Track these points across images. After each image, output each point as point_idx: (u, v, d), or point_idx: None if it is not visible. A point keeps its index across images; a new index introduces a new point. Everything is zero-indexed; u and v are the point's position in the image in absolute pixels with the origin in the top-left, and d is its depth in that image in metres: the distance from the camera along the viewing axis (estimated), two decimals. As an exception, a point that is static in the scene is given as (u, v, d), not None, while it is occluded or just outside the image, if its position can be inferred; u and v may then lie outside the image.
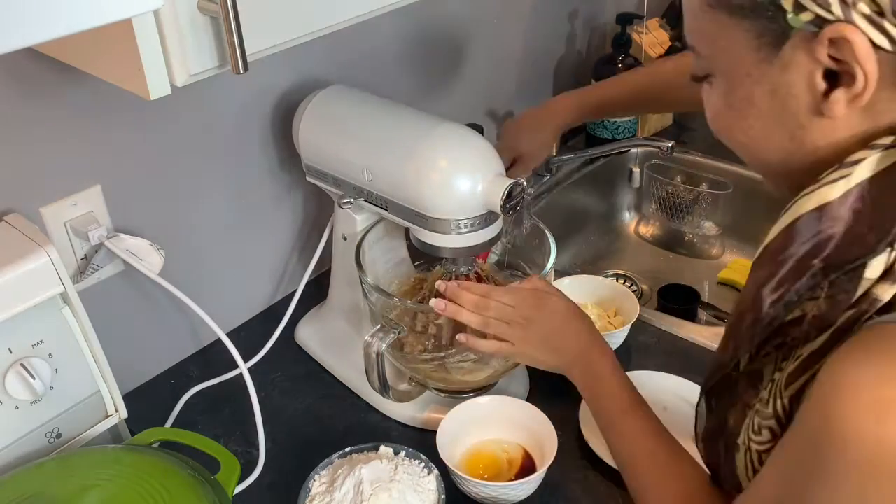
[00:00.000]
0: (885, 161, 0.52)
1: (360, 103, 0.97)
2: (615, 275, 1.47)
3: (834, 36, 0.49)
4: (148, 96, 0.59)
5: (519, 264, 1.07)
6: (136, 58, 0.57)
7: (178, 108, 0.95)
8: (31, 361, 0.77)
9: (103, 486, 0.72)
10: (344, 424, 1.00)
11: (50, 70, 0.81)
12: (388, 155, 0.89)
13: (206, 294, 0.96)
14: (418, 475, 0.85)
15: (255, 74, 1.00)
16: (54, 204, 0.87)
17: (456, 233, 0.87)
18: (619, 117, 1.50)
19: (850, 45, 0.49)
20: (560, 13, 1.55)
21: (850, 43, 0.49)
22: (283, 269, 1.20)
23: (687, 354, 1.08)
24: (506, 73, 1.48)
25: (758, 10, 0.52)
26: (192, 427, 0.95)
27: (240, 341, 0.93)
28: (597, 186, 1.57)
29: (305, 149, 0.98)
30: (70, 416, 0.82)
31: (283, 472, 0.93)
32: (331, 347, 1.08)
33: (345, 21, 0.69)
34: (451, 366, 0.92)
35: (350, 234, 1.00)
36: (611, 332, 1.06)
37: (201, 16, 0.58)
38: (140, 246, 0.92)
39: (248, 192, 1.09)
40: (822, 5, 0.49)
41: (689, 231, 1.55)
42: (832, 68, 0.51)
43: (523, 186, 0.86)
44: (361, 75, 1.16)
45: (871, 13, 0.48)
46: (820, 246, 0.52)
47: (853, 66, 0.50)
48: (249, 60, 0.59)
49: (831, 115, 0.53)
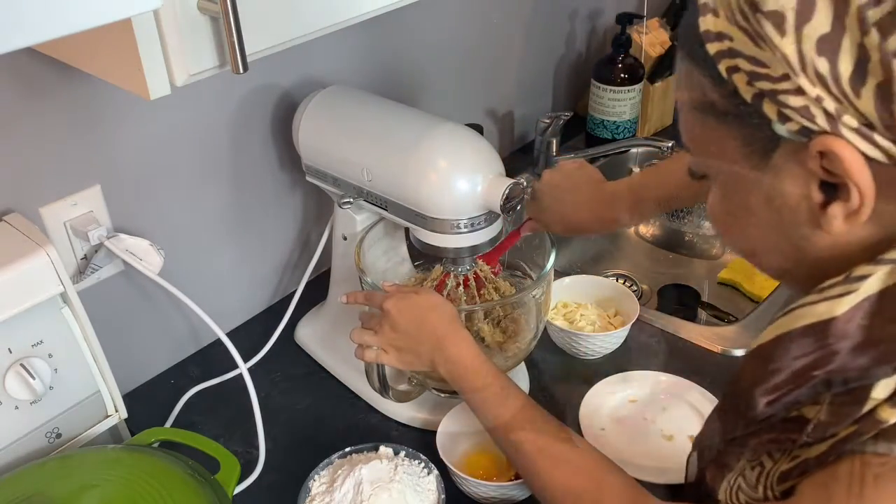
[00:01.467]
0: (893, 277, 0.49)
1: (359, 103, 0.97)
2: (615, 275, 1.47)
3: (822, 149, 0.47)
4: (148, 96, 0.59)
5: (519, 264, 1.07)
6: (135, 58, 0.57)
7: (177, 108, 0.95)
8: (30, 361, 0.77)
9: (103, 486, 0.72)
10: (344, 424, 1.00)
11: (50, 70, 0.81)
12: (387, 155, 0.89)
13: (206, 294, 0.96)
14: (418, 475, 0.85)
15: (254, 74, 1.01)
16: (54, 204, 0.87)
17: (456, 233, 0.87)
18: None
19: (840, 159, 0.46)
20: (560, 13, 1.55)
21: (839, 157, 0.46)
22: (283, 269, 1.20)
23: (687, 354, 1.08)
24: (506, 73, 1.48)
25: (743, 118, 0.50)
26: (192, 427, 0.95)
27: (240, 341, 0.92)
28: (597, 186, 1.56)
29: (305, 149, 0.98)
30: (70, 416, 0.82)
31: (283, 472, 0.93)
32: (330, 347, 1.08)
33: (344, 21, 0.69)
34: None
35: (350, 234, 1.00)
36: (611, 332, 1.06)
37: (201, 16, 0.58)
38: (140, 246, 0.92)
39: (248, 192, 1.09)
40: (807, 117, 0.46)
41: (689, 231, 1.55)
42: (828, 180, 0.48)
43: (523, 186, 0.86)
44: (361, 75, 1.16)
45: (858, 126, 0.45)
46: (822, 360, 0.50)
47: (846, 180, 0.47)
48: (249, 60, 0.59)
49: (829, 231, 0.50)
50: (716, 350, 1.08)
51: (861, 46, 0.43)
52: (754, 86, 0.48)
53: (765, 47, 0.46)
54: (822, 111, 0.46)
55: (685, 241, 1.55)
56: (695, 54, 0.51)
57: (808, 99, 0.46)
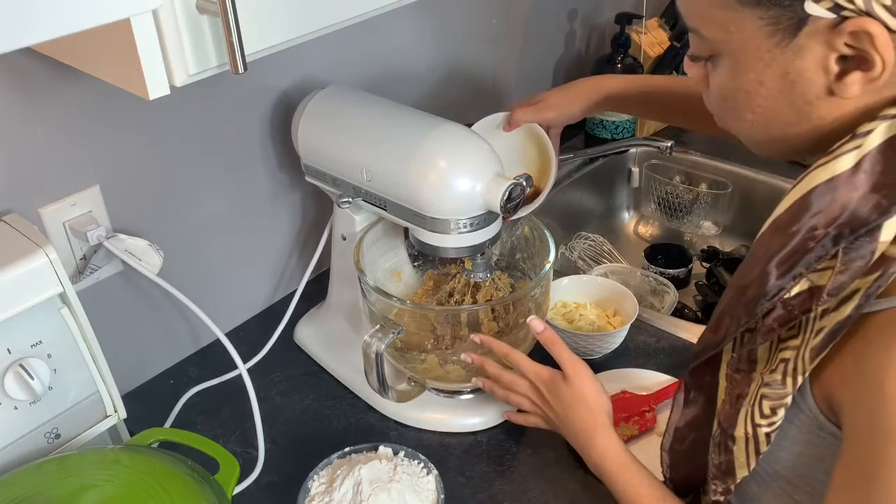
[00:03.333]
0: (893, 129, 0.54)
1: (358, 103, 0.96)
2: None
3: (855, 29, 0.51)
4: (147, 96, 0.59)
5: (519, 264, 1.07)
6: (134, 58, 0.57)
7: (177, 109, 0.95)
8: (29, 362, 0.76)
9: (102, 486, 0.72)
10: (343, 424, 1.00)
11: (50, 70, 0.81)
12: (387, 155, 0.89)
13: (206, 294, 0.96)
14: (417, 475, 0.85)
15: (254, 74, 1.00)
16: (53, 204, 0.87)
17: (455, 233, 0.87)
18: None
19: (871, 37, 0.51)
20: (559, 13, 1.55)
21: (870, 35, 0.51)
22: (283, 269, 1.19)
23: (686, 354, 1.08)
24: (505, 72, 1.48)
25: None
26: (192, 427, 0.95)
27: (239, 341, 0.93)
28: (596, 186, 1.57)
29: (304, 149, 0.98)
30: (69, 417, 0.82)
31: (283, 473, 0.93)
32: (330, 347, 1.08)
33: (344, 21, 0.69)
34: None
35: (349, 234, 1.00)
36: (610, 332, 1.06)
37: (200, 16, 0.58)
38: (139, 246, 0.92)
39: (247, 192, 1.09)
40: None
41: (689, 231, 1.55)
42: (848, 54, 0.53)
43: (523, 187, 0.86)
44: (361, 75, 1.16)
45: (891, 3, 0.50)
46: (833, 215, 0.54)
47: (872, 54, 0.52)
48: (248, 60, 0.59)
49: (844, 96, 0.55)
50: (715, 350, 1.08)
51: None
52: None
53: None
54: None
55: (684, 240, 1.55)
56: None
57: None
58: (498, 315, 0.97)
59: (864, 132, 0.54)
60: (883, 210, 0.52)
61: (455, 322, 0.94)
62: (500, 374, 0.91)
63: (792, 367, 0.58)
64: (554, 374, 0.86)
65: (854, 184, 0.54)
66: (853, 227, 0.53)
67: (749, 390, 0.62)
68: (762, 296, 0.57)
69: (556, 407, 0.86)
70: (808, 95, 0.57)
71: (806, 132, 0.59)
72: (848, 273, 0.54)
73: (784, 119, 0.59)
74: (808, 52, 0.54)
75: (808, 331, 0.57)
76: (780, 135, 0.61)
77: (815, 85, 0.56)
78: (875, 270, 0.53)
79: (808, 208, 0.55)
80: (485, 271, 0.96)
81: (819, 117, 0.58)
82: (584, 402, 0.84)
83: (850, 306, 0.54)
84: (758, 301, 0.58)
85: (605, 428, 0.82)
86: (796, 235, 0.56)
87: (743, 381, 0.62)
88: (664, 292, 1.32)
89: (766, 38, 0.55)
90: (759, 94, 0.59)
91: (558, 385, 0.85)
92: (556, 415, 0.86)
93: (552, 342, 0.88)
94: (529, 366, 0.88)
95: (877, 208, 0.52)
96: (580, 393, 0.84)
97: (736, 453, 0.63)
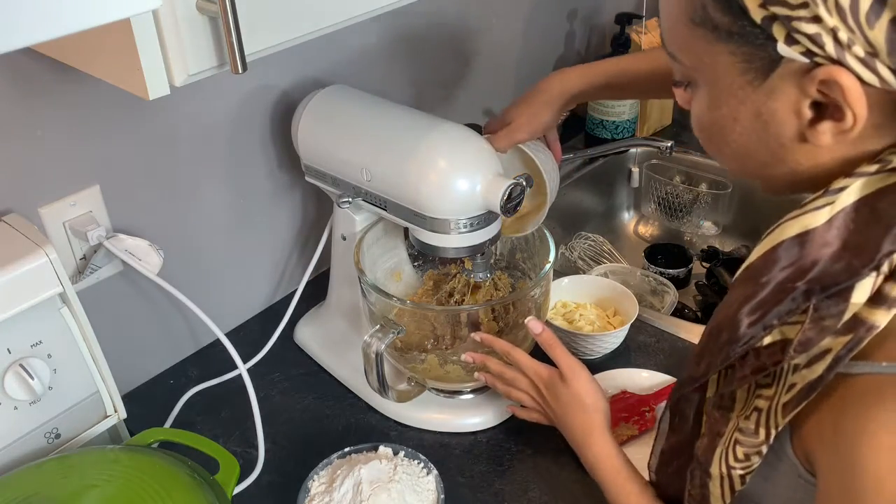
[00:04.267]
0: (868, 187, 0.52)
1: (358, 103, 0.96)
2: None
3: (826, 78, 0.49)
4: (147, 96, 0.59)
5: (519, 264, 1.07)
6: (134, 58, 0.57)
7: (177, 108, 0.95)
8: (29, 362, 0.77)
9: (102, 486, 0.72)
10: (343, 424, 1.00)
11: (50, 70, 0.81)
12: (387, 155, 0.89)
13: (206, 294, 0.96)
14: (417, 475, 0.85)
15: (254, 74, 1.01)
16: (53, 204, 0.87)
17: (455, 233, 0.87)
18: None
19: (842, 88, 0.48)
20: (559, 13, 1.55)
21: (841, 86, 0.48)
22: (283, 270, 1.19)
23: (686, 354, 1.08)
24: (505, 72, 1.48)
25: (746, 36, 0.51)
26: (192, 427, 0.95)
27: (239, 341, 0.93)
28: (596, 186, 1.57)
29: (304, 149, 0.98)
30: (69, 417, 0.82)
31: (283, 473, 0.93)
32: (330, 347, 1.08)
33: (344, 21, 0.69)
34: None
35: (349, 234, 1.00)
36: (610, 332, 1.06)
37: (200, 16, 0.58)
38: (139, 246, 0.92)
39: (248, 193, 1.09)
40: (817, 44, 0.48)
41: (689, 231, 1.55)
42: (821, 101, 0.51)
43: (523, 186, 0.86)
44: (361, 75, 1.16)
45: (864, 56, 0.47)
46: (804, 270, 0.53)
47: (843, 106, 0.50)
48: (248, 60, 0.59)
49: (817, 144, 0.53)
50: (715, 350, 1.08)
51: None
52: (767, 9, 0.49)
53: None
54: (833, 40, 0.47)
55: (684, 240, 1.55)
56: None
57: (823, 27, 0.47)
58: (498, 315, 0.97)
59: (837, 188, 0.52)
60: (854, 271, 0.50)
61: (455, 322, 0.94)
62: (501, 371, 0.91)
63: (765, 419, 0.57)
64: (552, 374, 0.87)
65: (826, 240, 0.52)
66: (823, 284, 0.52)
67: (726, 430, 0.61)
68: (734, 341, 0.56)
69: (555, 406, 0.86)
70: (782, 138, 0.55)
71: (783, 175, 0.58)
72: (817, 331, 0.52)
73: (759, 158, 0.58)
74: (781, 94, 0.52)
75: (780, 384, 0.56)
76: (757, 173, 0.60)
77: (788, 128, 0.54)
78: (847, 332, 0.51)
79: (776, 261, 0.54)
80: (485, 271, 0.96)
81: (795, 161, 0.56)
82: (581, 403, 0.84)
83: (822, 366, 0.53)
84: (730, 346, 0.57)
85: (600, 432, 0.82)
86: (766, 286, 0.55)
87: (721, 420, 0.61)
88: (664, 292, 1.32)
89: (739, 75, 0.53)
90: (733, 130, 0.57)
91: (556, 385, 0.86)
92: (555, 413, 0.87)
93: (550, 344, 0.88)
94: (529, 363, 0.89)
95: (848, 268, 0.51)
96: (577, 395, 0.84)
97: (711, 489, 0.63)
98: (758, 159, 0.58)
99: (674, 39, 0.58)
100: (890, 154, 0.52)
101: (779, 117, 0.53)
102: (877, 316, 0.50)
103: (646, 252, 1.47)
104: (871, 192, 0.52)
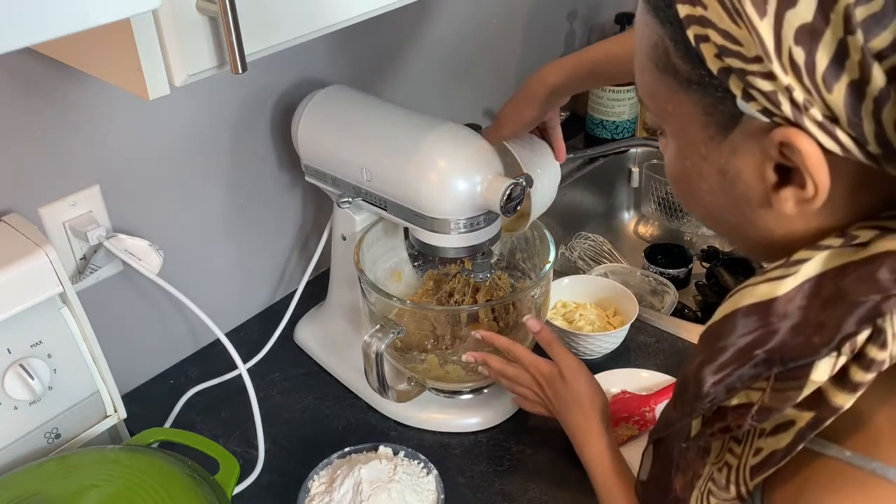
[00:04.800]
0: (832, 261, 0.48)
1: (358, 104, 0.96)
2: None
3: (783, 140, 0.46)
4: (147, 96, 0.59)
5: (519, 264, 1.07)
6: (134, 58, 0.57)
7: (176, 108, 0.95)
8: (29, 362, 0.77)
9: (102, 486, 0.72)
10: (343, 424, 1.00)
11: (50, 70, 0.81)
12: (387, 155, 0.89)
13: (206, 294, 0.96)
14: (417, 475, 0.85)
15: (254, 74, 1.00)
16: (53, 204, 0.87)
17: (455, 233, 0.87)
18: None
19: (800, 152, 0.45)
20: (559, 13, 1.55)
21: (799, 151, 0.45)
22: (283, 270, 1.20)
23: (686, 354, 1.08)
24: (505, 72, 1.48)
25: (705, 88, 0.48)
26: (191, 427, 0.95)
27: (239, 341, 0.93)
28: (596, 186, 1.57)
29: (304, 149, 0.98)
30: (69, 417, 0.82)
31: (283, 473, 0.93)
32: (330, 347, 1.08)
33: (344, 21, 0.69)
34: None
35: (349, 234, 1.00)
36: (610, 332, 1.06)
37: (200, 16, 0.58)
38: (139, 246, 0.92)
39: (248, 192, 1.09)
40: (773, 102, 0.45)
41: (689, 231, 1.55)
42: (784, 164, 0.48)
43: (523, 186, 0.86)
44: (361, 75, 1.16)
45: (823, 120, 0.44)
46: (763, 339, 0.50)
47: (803, 173, 0.46)
48: (248, 60, 0.59)
49: (779, 212, 0.50)
50: (715, 350, 1.08)
51: (842, 43, 0.42)
52: (723, 60, 0.46)
53: (741, 25, 0.45)
54: (789, 100, 0.45)
55: (684, 240, 1.55)
56: (661, 12, 0.49)
57: (778, 86, 0.45)
58: (498, 315, 0.97)
59: (797, 260, 0.49)
60: (813, 349, 0.47)
61: (455, 322, 0.94)
62: (503, 369, 0.92)
63: (734, 476, 0.55)
64: (552, 370, 0.87)
65: (786, 312, 0.49)
66: (783, 357, 0.49)
67: (703, 474, 0.60)
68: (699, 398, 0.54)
69: (555, 402, 0.87)
70: (751, 202, 0.51)
71: (755, 238, 0.55)
72: (778, 401, 0.49)
73: (729, 220, 0.55)
74: (743, 153, 0.49)
75: (748, 445, 0.54)
76: (729, 233, 0.57)
77: (754, 191, 0.50)
78: (810, 409, 0.49)
79: (733, 328, 0.51)
80: (485, 271, 0.96)
81: (766, 228, 0.53)
82: (580, 403, 0.85)
83: (787, 438, 0.50)
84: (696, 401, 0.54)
85: (598, 433, 0.83)
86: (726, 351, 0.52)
87: (697, 463, 0.60)
88: (664, 292, 1.32)
89: (701, 129, 0.50)
90: (699, 188, 0.54)
91: (556, 381, 0.87)
92: (556, 409, 0.87)
93: (549, 342, 0.89)
94: (531, 359, 0.89)
95: (807, 345, 0.48)
96: (576, 393, 0.85)
97: None
98: (728, 221, 0.55)
99: (642, 84, 0.55)
100: (858, 228, 0.49)
101: (744, 178, 0.50)
102: (839, 398, 0.47)
103: (646, 252, 1.47)
104: (835, 266, 0.48)
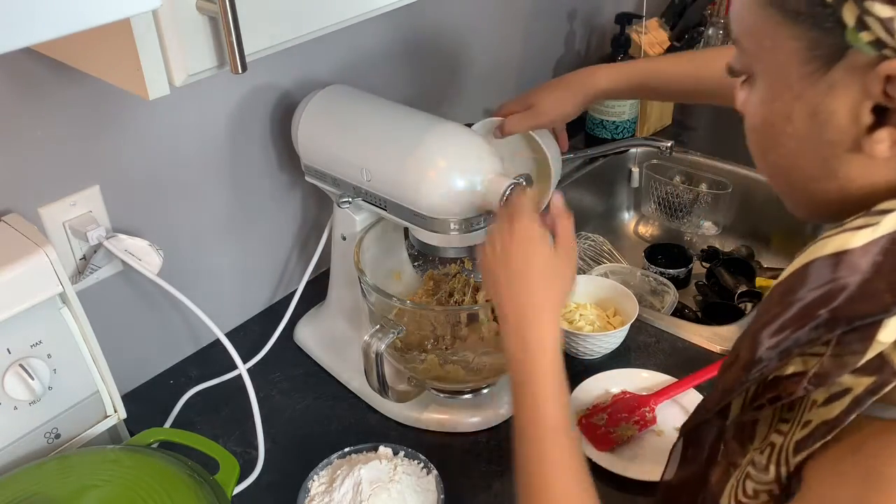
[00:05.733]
0: None
1: (358, 103, 0.96)
2: (614, 275, 1.48)
3: (890, 73, 0.44)
4: (147, 96, 0.59)
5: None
6: (134, 58, 0.57)
7: (177, 108, 0.95)
8: (29, 362, 0.77)
9: (102, 486, 0.72)
10: (343, 424, 1.00)
11: (50, 70, 0.81)
12: (386, 155, 0.89)
13: (205, 294, 0.96)
14: (417, 475, 0.85)
15: (253, 74, 1.01)
16: (53, 204, 0.87)
17: (455, 232, 0.87)
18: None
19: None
20: (559, 13, 1.55)
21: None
22: (283, 270, 1.19)
23: (686, 354, 1.08)
24: (505, 72, 1.48)
25: (815, 19, 0.47)
26: (191, 427, 0.95)
27: (239, 342, 0.93)
28: (596, 186, 1.57)
29: (304, 149, 0.98)
30: (69, 417, 0.82)
31: (283, 473, 0.93)
32: (330, 348, 1.08)
33: (344, 21, 0.69)
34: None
35: (349, 234, 1.00)
36: (610, 332, 1.06)
37: (200, 16, 0.58)
38: (139, 246, 0.92)
39: (247, 193, 1.09)
40: (888, 30, 0.43)
41: (689, 231, 1.55)
42: (883, 104, 0.46)
43: (523, 186, 0.86)
44: (361, 75, 1.16)
45: None
46: (830, 295, 0.47)
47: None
48: (248, 60, 0.59)
49: (871, 155, 0.48)
50: (715, 350, 1.08)
51: None
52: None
53: None
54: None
55: (684, 240, 1.55)
56: None
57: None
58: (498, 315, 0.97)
59: (880, 210, 0.47)
60: (884, 306, 0.45)
61: (455, 322, 0.94)
62: None
63: (776, 455, 0.53)
64: (544, 235, 0.74)
65: (858, 266, 0.46)
66: (849, 317, 0.46)
67: (741, 462, 0.57)
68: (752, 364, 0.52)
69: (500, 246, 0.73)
70: (837, 147, 0.49)
71: (831, 191, 0.52)
72: (836, 365, 0.47)
73: (807, 170, 0.52)
74: (841, 91, 0.47)
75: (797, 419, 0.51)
76: (801, 187, 0.55)
77: (845, 134, 0.48)
78: (871, 373, 0.46)
79: (804, 282, 0.49)
80: None
81: (846, 177, 0.50)
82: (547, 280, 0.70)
83: (840, 407, 0.47)
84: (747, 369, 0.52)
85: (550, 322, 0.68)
86: (792, 306, 0.50)
87: (737, 452, 0.58)
88: (664, 292, 1.32)
89: (801, 65, 0.48)
90: (784, 132, 0.52)
91: (530, 241, 0.73)
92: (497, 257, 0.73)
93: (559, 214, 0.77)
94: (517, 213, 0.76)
95: (878, 302, 0.45)
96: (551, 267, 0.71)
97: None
98: (806, 171, 0.53)
99: (742, 21, 0.53)
100: None
101: (835, 120, 0.48)
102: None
103: (646, 252, 1.47)
104: None
